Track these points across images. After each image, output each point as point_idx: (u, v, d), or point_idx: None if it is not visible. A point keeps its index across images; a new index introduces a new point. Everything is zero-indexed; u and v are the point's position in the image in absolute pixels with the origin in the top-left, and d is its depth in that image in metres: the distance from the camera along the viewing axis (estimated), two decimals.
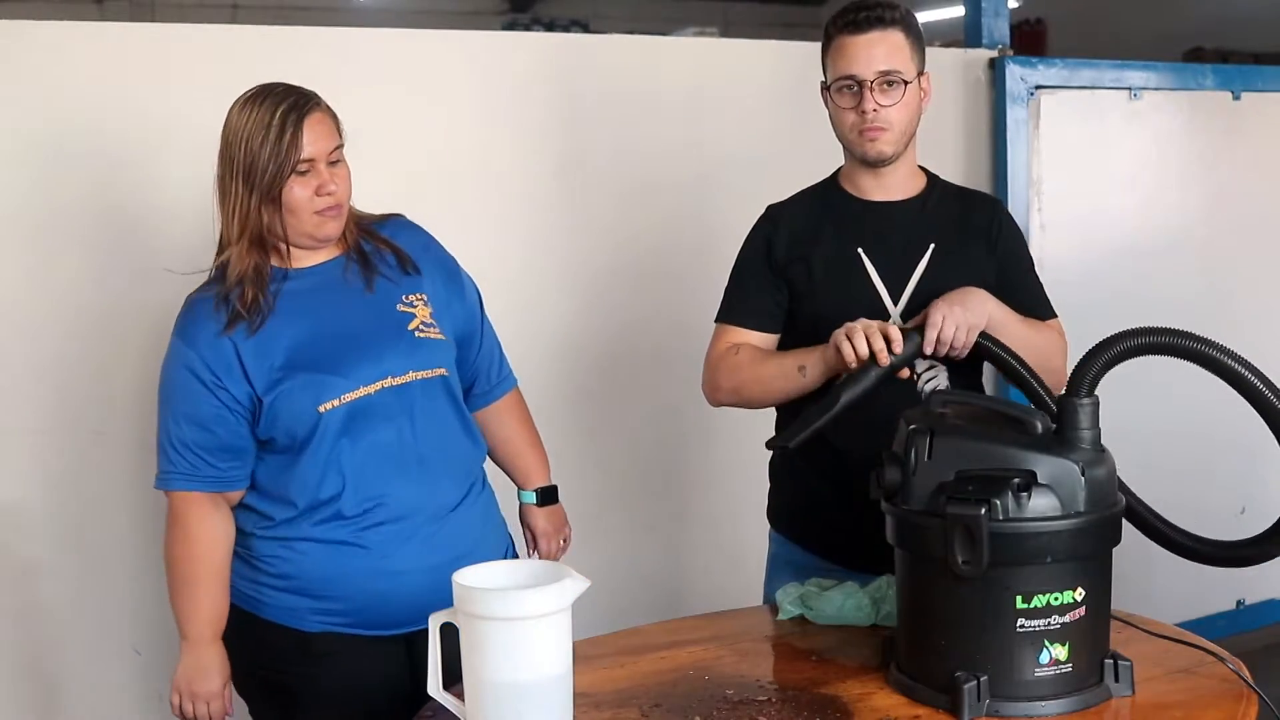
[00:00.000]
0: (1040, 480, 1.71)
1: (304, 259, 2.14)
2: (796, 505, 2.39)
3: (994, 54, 3.79)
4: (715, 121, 3.39)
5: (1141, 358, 1.81)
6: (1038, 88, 3.80)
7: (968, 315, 2.11)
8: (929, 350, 2.12)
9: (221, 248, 2.10)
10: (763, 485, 2.47)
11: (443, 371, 2.18)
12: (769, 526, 2.47)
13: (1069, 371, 1.84)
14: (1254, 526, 1.92)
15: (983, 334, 2.13)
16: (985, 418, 1.86)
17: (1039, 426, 1.77)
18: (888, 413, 1.96)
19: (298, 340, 2.08)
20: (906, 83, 2.18)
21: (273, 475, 2.12)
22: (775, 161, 2.42)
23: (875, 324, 2.08)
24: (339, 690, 2.11)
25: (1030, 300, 2.31)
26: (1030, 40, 8.95)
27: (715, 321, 2.35)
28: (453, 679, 1.73)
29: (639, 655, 2.01)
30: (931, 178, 2.34)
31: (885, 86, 2.18)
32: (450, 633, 1.69)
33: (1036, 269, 2.39)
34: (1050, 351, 2.26)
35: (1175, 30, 9.49)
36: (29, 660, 2.79)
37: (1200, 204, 4.11)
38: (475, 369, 2.33)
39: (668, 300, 3.24)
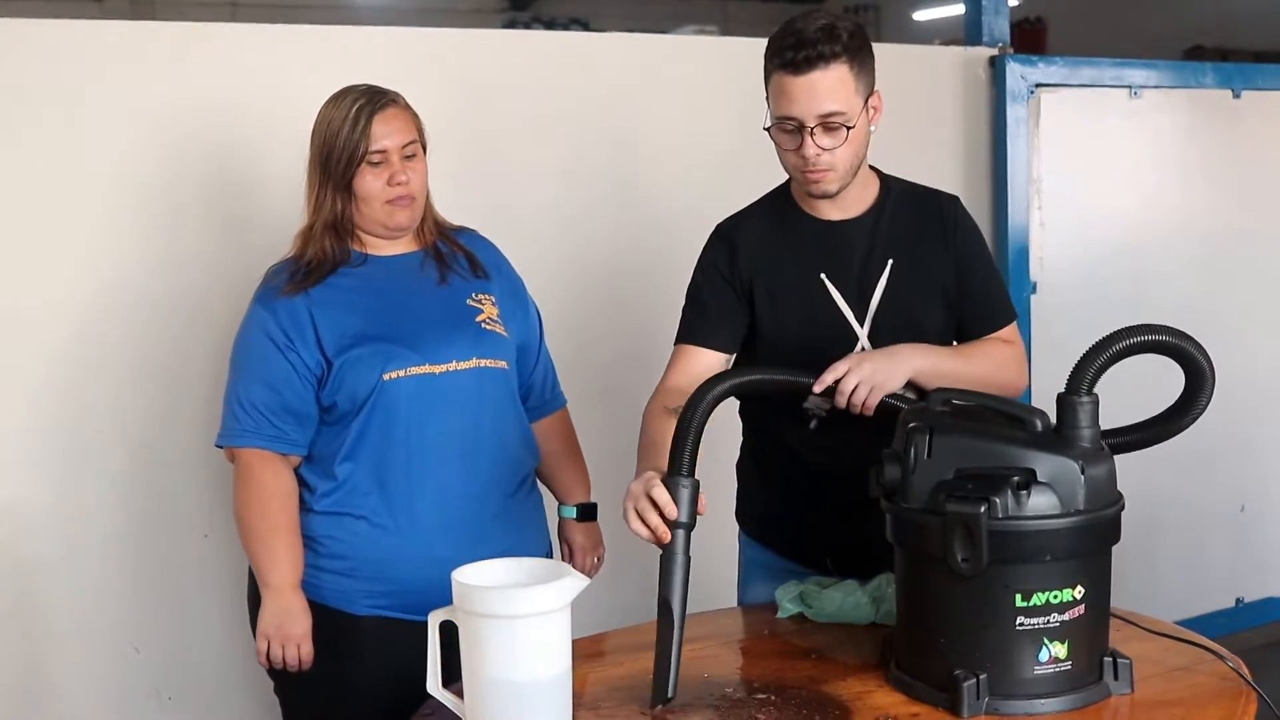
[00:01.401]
0: (1040, 478, 1.71)
1: (384, 248, 2.26)
2: (764, 509, 2.35)
3: (994, 52, 3.78)
4: (715, 119, 3.38)
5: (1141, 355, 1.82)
6: (1038, 86, 3.80)
7: (876, 374, 2.00)
8: (828, 391, 2.01)
9: (304, 230, 2.22)
10: None
11: (505, 364, 2.27)
12: (738, 528, 2.42)
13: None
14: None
15: (891, 396, 2.01)
16: (985, 416, 1.86)
17: (1038, 425, 1.77)
18: (859, 432, 1.97)
19: (372, 316, 2.19)
20: (849, 128, 2.04)
21: (328, 444, 2.19)
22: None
23: (644, 496, 1.80)
24: (379, 673, 2.15)
25: (985, 307, 2.22)
26: (1030, 38, 8.94)
27: (674, 344, 2.23)
28: (453, 677, 1.73)
29: (639, 654, 2.00)
30: (885, 181, 2.23)
31: (827, 129, 2.04)
32: (450, 630, 1.69)
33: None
34: (994, 374, 2.14)
35: (1175, 28, 9.51)
36: (29, 659, 2.78)
37: (1200, 202, 4.10)
38: (530, 383, 2.40)
39: (667, 299, 3.22)
